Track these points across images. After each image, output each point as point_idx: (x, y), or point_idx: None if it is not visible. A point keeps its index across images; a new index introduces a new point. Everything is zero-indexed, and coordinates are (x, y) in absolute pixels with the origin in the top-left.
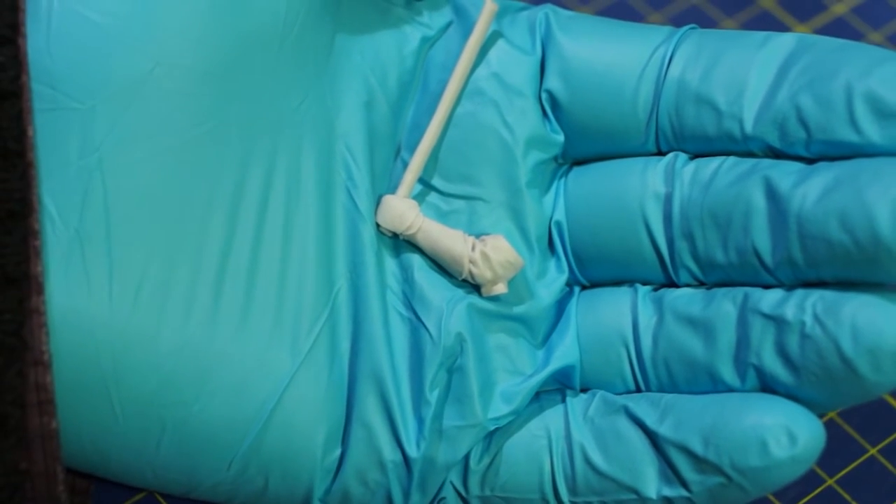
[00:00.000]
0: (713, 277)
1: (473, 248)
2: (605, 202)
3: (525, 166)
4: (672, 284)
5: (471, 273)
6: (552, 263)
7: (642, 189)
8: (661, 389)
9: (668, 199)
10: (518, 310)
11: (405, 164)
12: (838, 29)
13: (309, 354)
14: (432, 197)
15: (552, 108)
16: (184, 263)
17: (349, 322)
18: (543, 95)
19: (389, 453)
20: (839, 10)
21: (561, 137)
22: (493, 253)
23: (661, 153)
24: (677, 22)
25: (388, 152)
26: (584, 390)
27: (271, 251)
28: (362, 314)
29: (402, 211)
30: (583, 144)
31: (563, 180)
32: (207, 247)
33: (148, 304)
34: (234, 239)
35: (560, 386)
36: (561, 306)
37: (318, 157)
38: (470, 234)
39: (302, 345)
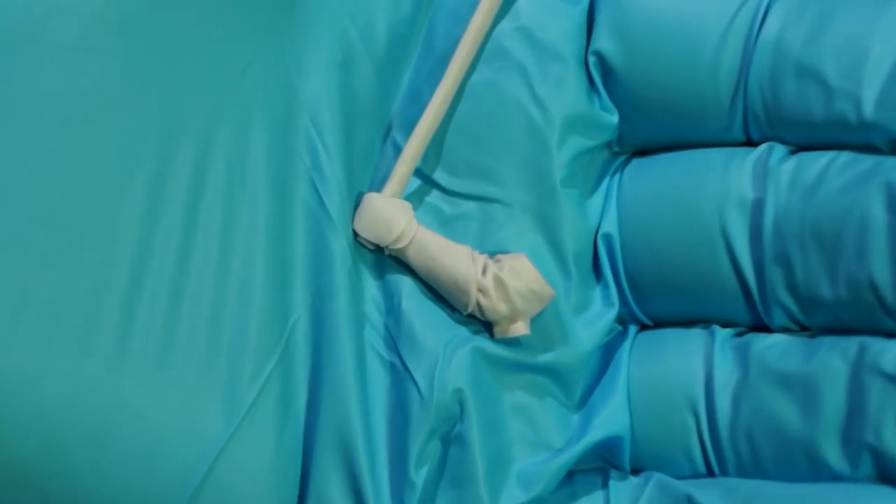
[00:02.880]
0: (818, 319)
1: (484, 272)
2: (672, 209)
3: (561, 157)
4: (763, 327)
5: (479, 305)
6: (597, 293)
7: (723, 192)
8: (742, 473)
9: (757, 208)
10: (545, 358)
11: (397, 150)
12: None
13: (252, 411)
14: (433, 197)
15: (603, 76)
16: (81, 281)
17: (307, 367)
18: (591, 59)
19: None
20: None
21: (614, 117)
22: (511, 278)
23: (751, 143)
24: None
25: (373, 132)
26: (635, 471)
27: (203, 266)
28: (328, 356)
29: (389, 216)
30: (644, 128)
31: (617, 177)
32: (115, 258)
33: (29, 337)
34: (153, 248)
35: (602, 464)
36: (608, 353)
37: (271, 137)
38: (481, 252)
39: (242, 397)
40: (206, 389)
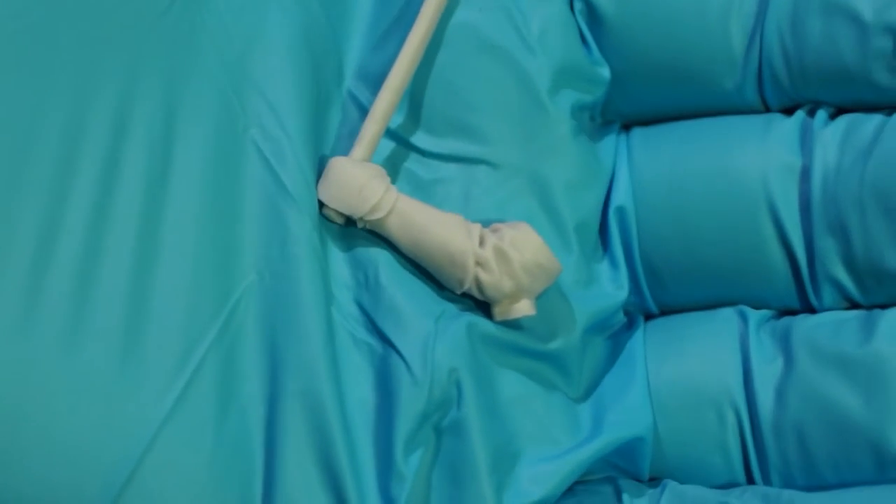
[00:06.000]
0: (879, 295)
1: (482, 243)
2: (706, 181)
3: (556, 111)
4: (799, 309)
5: (478, 281)
6: (603, 272)
7: (766, 159)
8: (788, 479)
9: (804, 175)
10: (548, 342)
11: (358, 105)
12: None
13: (182, 399)
14: (406, 159)
15: (590, 23)
16: None
17: (258, 351)
18: (577, 5)
19: None
20: None
21: (605, 71)
22: (515, 251)
23: (766, 109)
24: None
25: (329, 81)
26: (652, 479)
27: (123, 232)
28: (288, 339)
29: (363, 182)
30: (637, 91)
31: (623, 141)
32: (19, 220)
33: None
34: (64, 209)
35: (612, 472)
36: (616, 344)
37: (203, 91)
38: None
39: (170, 383)
40: (126, 372)
